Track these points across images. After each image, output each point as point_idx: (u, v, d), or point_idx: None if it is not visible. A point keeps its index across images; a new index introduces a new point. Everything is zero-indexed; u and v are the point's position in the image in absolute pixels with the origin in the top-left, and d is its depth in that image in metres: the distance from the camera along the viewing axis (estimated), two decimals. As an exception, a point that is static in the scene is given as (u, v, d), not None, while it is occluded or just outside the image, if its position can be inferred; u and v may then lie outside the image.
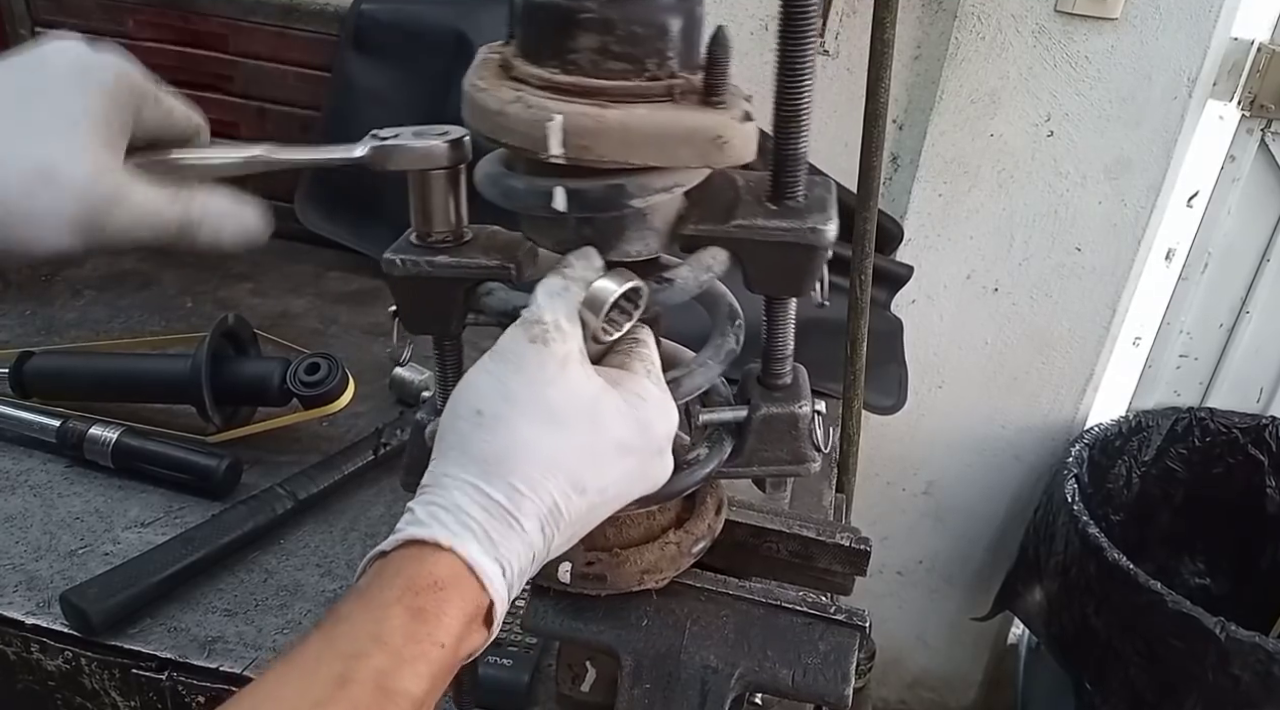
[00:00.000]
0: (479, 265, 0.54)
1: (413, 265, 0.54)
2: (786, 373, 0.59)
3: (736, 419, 0.59)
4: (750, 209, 0.53)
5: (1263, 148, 1.54)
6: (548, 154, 0.47)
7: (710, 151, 0.48)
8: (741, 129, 0.48)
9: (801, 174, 0.52)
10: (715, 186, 0.54)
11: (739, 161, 0.49)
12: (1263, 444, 1.68)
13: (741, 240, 0.52)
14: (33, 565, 0.87)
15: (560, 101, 0.46)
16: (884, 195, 1.49)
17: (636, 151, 0.47)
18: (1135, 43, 1.37)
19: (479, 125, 0.49)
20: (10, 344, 1.17)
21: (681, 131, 0.47)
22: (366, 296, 1.40)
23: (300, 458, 1.02)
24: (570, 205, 0.49)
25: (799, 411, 0.59)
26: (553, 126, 0.46)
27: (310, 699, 0.39)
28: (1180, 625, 1.33)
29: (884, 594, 1.91)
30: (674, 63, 0.48)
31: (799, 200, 0.53)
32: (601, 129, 0.46)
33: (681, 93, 0.48)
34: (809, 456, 0.60)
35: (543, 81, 0.47)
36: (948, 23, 1.40)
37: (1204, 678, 1.33)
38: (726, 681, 0.60)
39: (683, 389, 0.55)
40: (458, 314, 0.56)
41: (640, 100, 0.47)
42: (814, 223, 0.52)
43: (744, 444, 0.59)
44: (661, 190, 0.49)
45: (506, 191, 0.51)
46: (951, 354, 1.65)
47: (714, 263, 0.53)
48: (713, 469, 0.59)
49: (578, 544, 0.62)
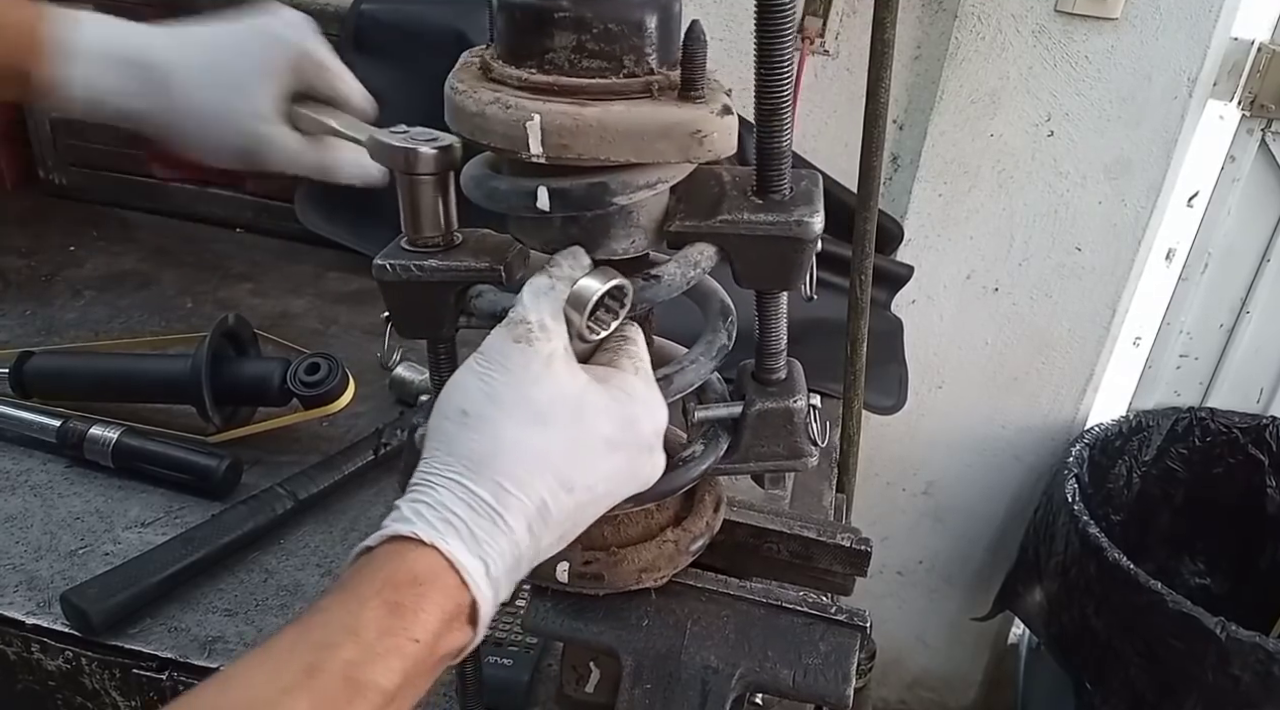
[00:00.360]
0: (469, 268, 0.54)
1: (403, 270, 0.54)
2: (780, 367, 0.59)
3: (732, 415, 0.59)
4: (736, 203, 0.53)
5: (1263, 148, 1.54)
6: (528, 154, 0.47)
7: (690, 146, 0.48)
8: (721, 122, 0.48)
9: (786, 168, 0.52)
10: (701, 182, 0.54)
11: (720, 155, 0.50)
12: (1263, 444, 1.68)
13: (728, 235, 0.52)
14: (33, 565, 0.87)
15: (538, 101, 0.47)
16: (884, 195, 1.49)
17: (616, 148, 0.47)
18: (1135, 43, 1.37)
19: (460, 127, 0.50)
20: (10, 344, 1.17)
21: (660, 127, 0.47)
22: (366, 296, 1.40)
23: (300, 458, 1.02)
24: (554, 204, 0.49)
25: (794, 406, 0.59)
26: (532, 126, 0.46)
27: (278, 686, 0.40)
28: (1180, 625, 1.33)
29: (884, 594, 1.91)
30: (651, 59, 0.48)
31: (785, 194, 0.53)
32: (580, 127, 0.46)
33: (660, 88, 0.48)
34: (806, 451, 0.60)
35: (521, 82, 0.48)
36: (948, 23, 1.40)
37: (1204, 678, 1.33)
38: (727, 682, 0.60)
39: (675, 386, 0.55)
40: (450, 317, 0.56)
41: (618, 97, 0.47)
42: (800, 215, 0.52)
43: (740, 440, 0.59)
44: (645, 187, 0.50)
45: (491, 193, 0.52)
46: (951, 354, 1.65)
47: (702, 259, 0.53)
48: (709, 465, 0.59)
49: (575, 543, 0.62)
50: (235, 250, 1.49)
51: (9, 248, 1.40)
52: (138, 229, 1.51)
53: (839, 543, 0.68)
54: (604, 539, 0.61)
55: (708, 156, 0.49)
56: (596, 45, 0.47)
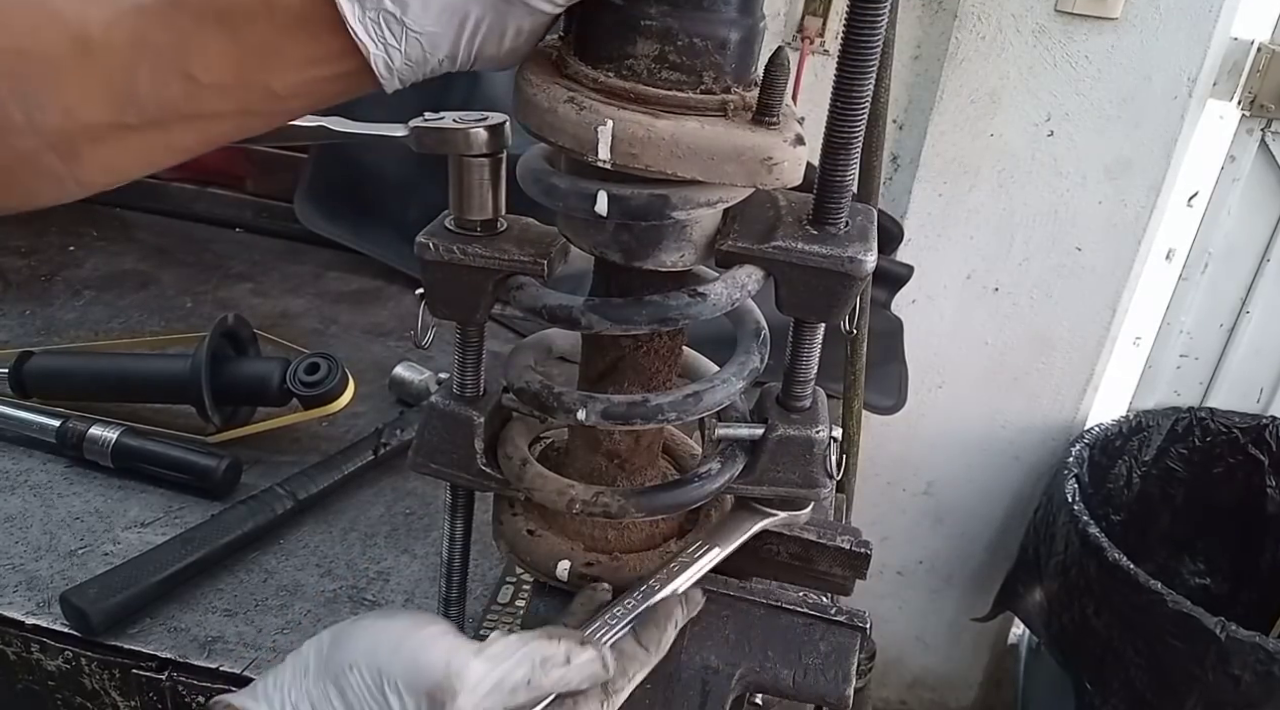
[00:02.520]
0: (511, 258, 0.54)
1: (446, 251, 0.54)
2: (807, 395, 0.59)
3: (753, 436, 0.59)
4: (791, 231, 0.52)
5: (1263, 148, 1.54)
6: (596, 158, 0.46)
7: (759, 172, 0.47)
8: (792, 152, 0.47)
9: (846, 201, 0.52)
10: (757, 204, 0.54)
11: (787, 185, 0.49)
12: (1263, 444, 1.68)
13: (779, 262, 0.52)
14: (33, 565, 0.87)
15: (612, 106, 0.46)
16: (884, 195, 1.49)
17: (684, 164, 0.46)
18: (1135, 43, 1.37)
19: (528, 120, 0.49)
20: (10, 344, 1.17)
21: (731, 149, 0.46)
22: (366, 296, 1.40)
23: (300, 458, 1.02)
24: (612, 211, 0.48)
25: (815, 436, 0.58)
26: (604, 131, 0.46)
27: None
28: (1180, 625, 1.33)
29: (884, 594, 1.91)
30: (730, 77, 0.47)
31: (840, 227, 0.52)
32: (652, 138, 0.46)
33: (735, 109, 0.47)
34: (820, 482, 0.59)
35: (596, 84, 0.47)
36: (948, 23, 1.40)
37: (1204, 678, 1.33)
38: (727, 682, 0.60)
39: (704, 403, 0.55)
40: (485, 303, 0.56)
41: (693, 113, 0.46)
42: (854, 252, 0.51)
43: (757, 462, 0.59)
44: (705, 204, 0.49)
45: (548, 190, 0.51)
46: (951, 354, 1.65)
47: (749, 281, 0.52)
48: (723, 483, 0.58)
49: (578, 542, 0.62)
50: (235, 250, 1.48)
51: (9, 248, 1.40)
52: (137, 229, 1.51)
53: (838, 545, 0.68)
54: (608, 542, 0.61)
55: (775, 184, 0.48)
56: (678, 58, 0.46)
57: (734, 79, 0.48)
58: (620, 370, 0.58)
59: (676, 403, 0.54)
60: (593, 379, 0.59)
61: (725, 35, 0.46)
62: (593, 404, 0.53)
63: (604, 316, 0.51)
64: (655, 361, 0.58)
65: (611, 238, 0.52)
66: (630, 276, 0.54)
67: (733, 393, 0.56)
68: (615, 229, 0.52)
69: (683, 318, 0.51)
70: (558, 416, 0.56)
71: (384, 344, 1.27)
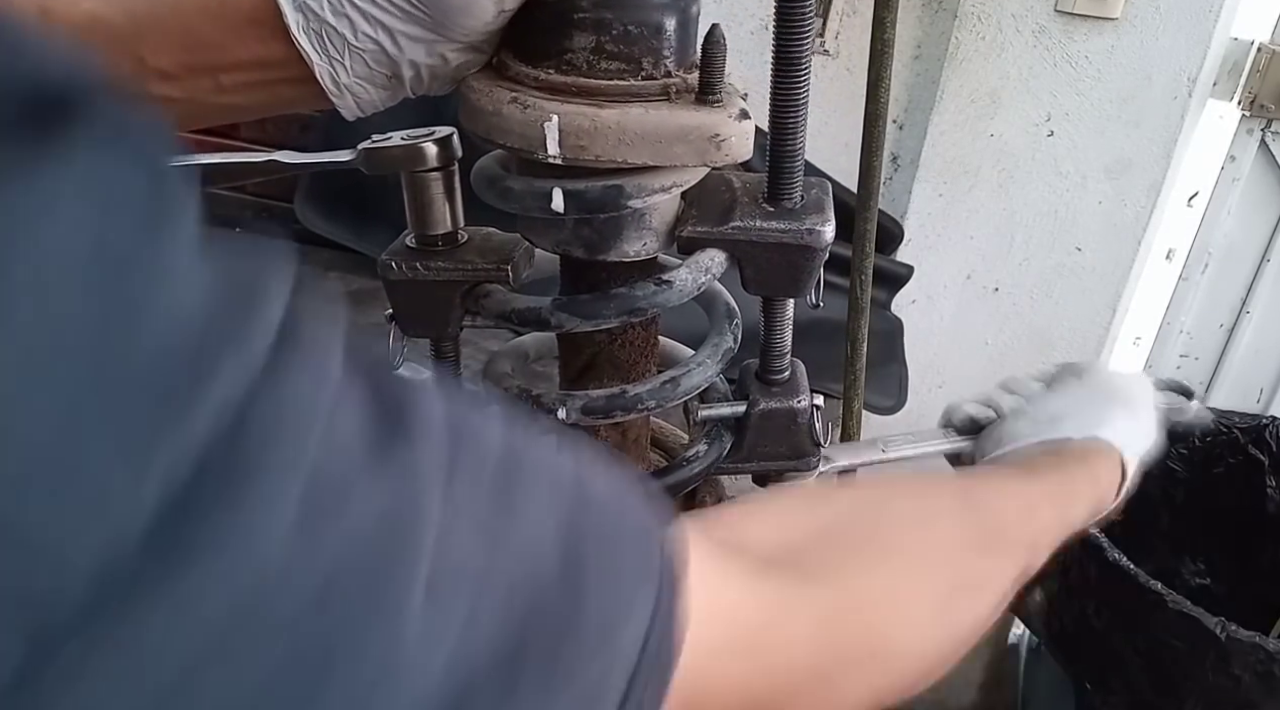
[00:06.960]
0: (475, 267, 0.54)
1: (409, 268, 0.54)
2: (785, 368, 0.60)
3: (735, 414, 0.59)
4: (747, 210, 0.53)
5: (1263, 148, 1.54)
6: (545, 154, 0.47)
7: (707, 150, 0.48)
8: (738, 127, 0.48)
9: (798, 175, 0.52)
10: (712, 188, 0.54)
11: (736, 160, 0.49)
12: (1263, 444, 1.68)
13: (739, 241, 0.52)
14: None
15: (556, 101, 0.46)
16: (884, 195, 1.49)
17: (634, 151, 0.47)
18: (1135, 43, 1.37)
19: (474, 126, 0.49)
20: (10, 344, 1.17)
21: (677, 130, 0.47)
22: (366, 296, 1.39)
23: (300, 458, 1.02)
24: (568, 206, 0.49)
25: (797, 406, 0.59)
26: (550, 127, 0.46)
27: None
28: (1180, 625, 1.33)
29: (884, 594, 1.91)
30: (670, 62, 0.48)
31: (796, 201, 0.53)
32: (598, 128, 0.46)
33: (677, 92, 0.48)
34: (809, 451, 0.60)
35: (538, 82, 0.47)
36: (948, 23, 1.40)
37: (1204, 678, 1.33)
38: None
39: (682, 388, 0.55)
40: (455, 316, 0.56)
41: (636, 100, 0.47)
42: (811, 224, 0.52)
43: (744, 439, 0.59)
44: (659, 190, 0.49)
45: (503, 193, 0.51)
46: (951, 354, 1.65)
47: (712, 265, 0.53)
48: (711, 463, 0.59)
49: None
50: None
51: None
52: (137, 229, 1.51)
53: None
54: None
55: (725, 161, 0.49)
56: (615, 47, 0.47)
57: (674, 63, 0.48)
58: (598, 366, 0.58)
59: (655, 390, 0.54)
60: (572, 378, 0.60)
61: (659, 20, 0.47)
62: (571, 402, 0.54)
63: (573, 314, 0.52)
64: (632, 354, 0.58)
65: (572, 234, 0.52)
66: (596, 271, 0.54)
67: (710, 375, 0.57)
68: (575, 225, 0.52)
69: (651, 307, 0.52)
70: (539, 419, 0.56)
71: (384, 344, 1.27)
